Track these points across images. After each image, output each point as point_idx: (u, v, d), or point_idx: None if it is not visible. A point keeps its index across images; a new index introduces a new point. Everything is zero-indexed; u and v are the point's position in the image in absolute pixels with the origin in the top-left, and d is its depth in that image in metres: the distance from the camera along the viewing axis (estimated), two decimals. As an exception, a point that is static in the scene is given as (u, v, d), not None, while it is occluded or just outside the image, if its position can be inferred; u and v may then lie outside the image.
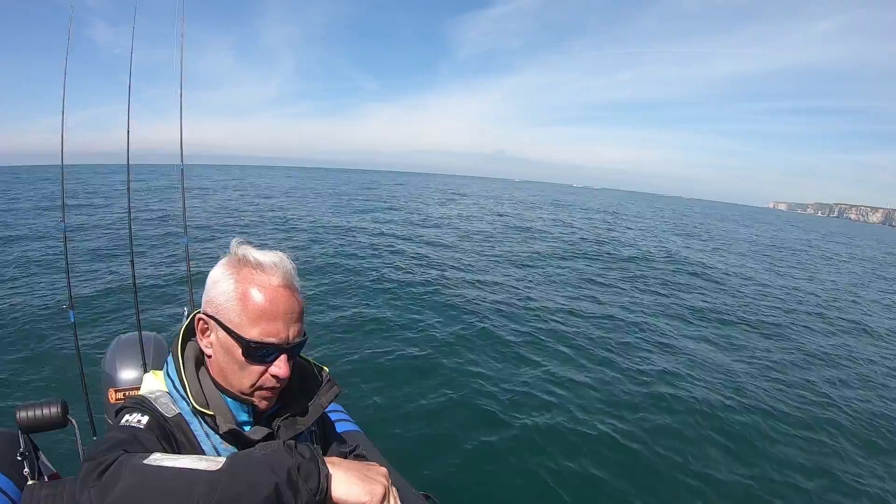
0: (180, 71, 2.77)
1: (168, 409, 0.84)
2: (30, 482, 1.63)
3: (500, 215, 24.47)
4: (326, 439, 1.09)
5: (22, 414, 1.75)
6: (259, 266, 0.84)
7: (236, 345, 0.82)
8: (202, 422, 0.84)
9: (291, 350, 0.86)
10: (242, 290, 0.82)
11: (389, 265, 10.25)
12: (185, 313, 2.07)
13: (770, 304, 10.27)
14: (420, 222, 18.67)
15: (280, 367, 0.84)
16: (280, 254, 0.88)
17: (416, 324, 6.77)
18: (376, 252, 11.59)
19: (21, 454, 1.67)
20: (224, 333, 0.83)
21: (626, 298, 9.42)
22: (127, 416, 0.79)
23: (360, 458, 0.97)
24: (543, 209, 32.56)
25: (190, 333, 0.92)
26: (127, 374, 2.05)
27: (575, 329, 7.12)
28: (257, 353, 0.83)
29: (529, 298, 8.60)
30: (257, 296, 0.82)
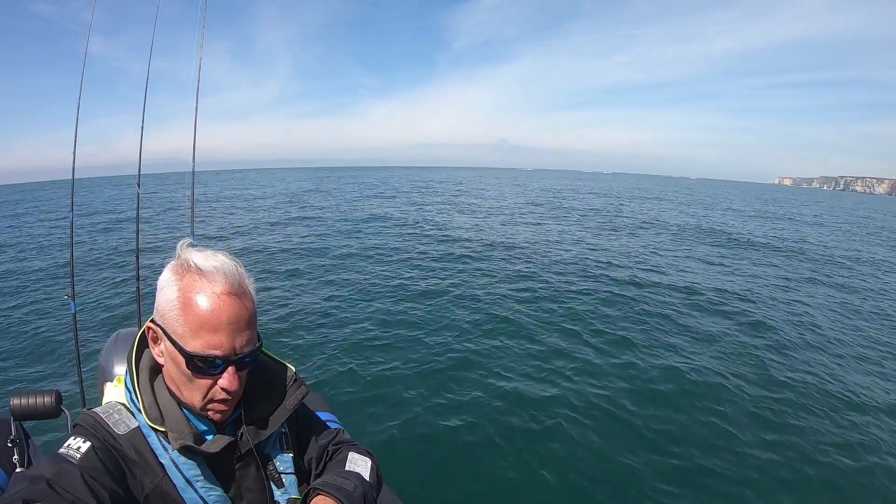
0: (197, 79, 2.94)
1: (122, 424, 0.81)
2: (18, 469, 1.64)
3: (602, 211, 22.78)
4: (302, 436, 1.01)
5: (16, 401, 1.75)
6: (200, 272, 0.78)
7: (181, 357, 0.78)
8: (158, 434, 0.81)
9: (239, 362, 0.81)
10: (184, 298, 0.78)
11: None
12: None
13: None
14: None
15: (227, 380, 0.80)
16: (222, 256, 0.81)
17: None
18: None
19: (12, 441, 1.68)
20: (170, 344, 0.79)
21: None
22: (70, 441, 0.77)
23: (340, 448, 1.03)
24: (634, 202, 30.80)
25: (146, 341, 0.87)
26: (123, 369, 1.57)
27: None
28: (201, 366, 0.78)
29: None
30: (198, 305, 0.77)
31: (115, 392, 0.87)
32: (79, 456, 0.74)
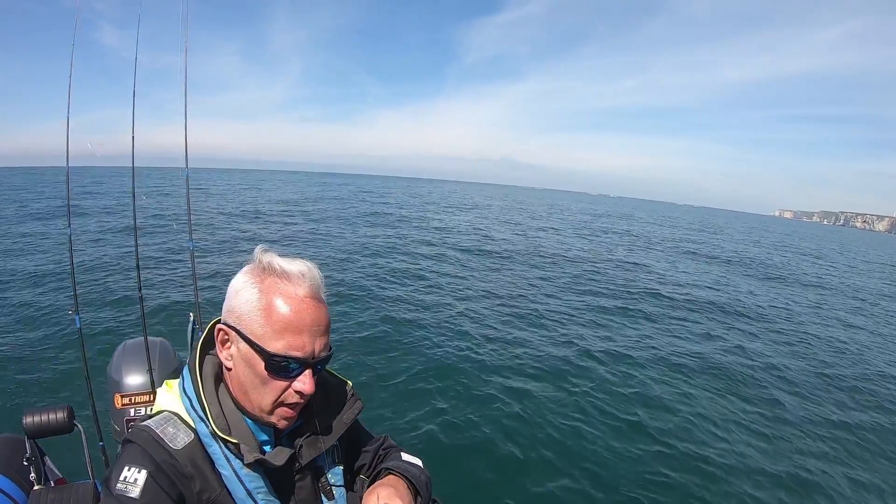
0: (184, 75, 2.75)
1: (179, 438, 0.78)
2: (36, 487, 1.64)
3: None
4: (351, 448, 1.01)
5: (28, 419, 1.73)
6: (285, 275, 0.79)
7: (258, 358, 0.78)
8: (222, 445, 0.78)
9: (316, 365, 0.81)
10: (267, 300, 0.77)
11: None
12: (191, 318, 2.14)
13: None
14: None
15: (304, 382, 0.80)
16: (307, 263, 0.82)
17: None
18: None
19: (27, 459, 1.69)
20: (246, 346, 0.78)
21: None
22: (125, 472, 0.73)
23: (390, 451, 1.04)
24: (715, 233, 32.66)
25: (208, 346, 0.86)
26: (133, 379, 1.99)
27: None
28: (281, 367, 0.78)
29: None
30: (283, 307, 0.77)
31: (168, 398, 0.84)
32: (138, 491, 0.71)
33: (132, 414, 1.92)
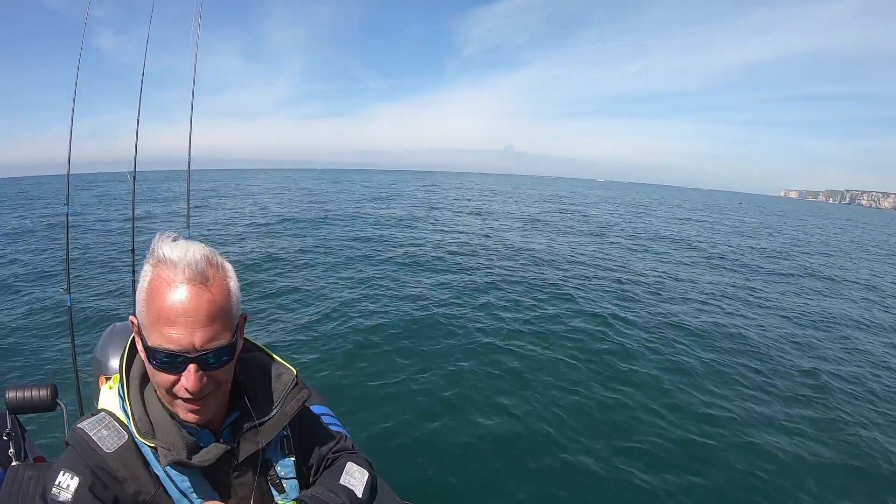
0: (194, 74, 2.83)
1: (111, 441, 0.78)
2: (14, 463, 1.63)
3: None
4: (305, 441, 0.99)
5: (11, 395, 1.75)
6: (164, 262, 0.74)
7: (144, 351, 0.77)
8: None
9: (201, 360, 0.75)
10: (149, 288, 0.74)
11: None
12: None
13: None
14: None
15: (186, 378, 0.74)
16: (191, 245, 0.76)
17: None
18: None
19: (7, 434, 1.67)
20: (139, 338, 0.77)
21: None
22: (59, 477, 0.75)
23: (339, 456, 1.01)
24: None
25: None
26: (118, 362, 1.76)
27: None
28: (162, 362, 0.74)
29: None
30: (158, 295, 0.73)
31: (108, 398, 0.84)
32: (69, 496, 0.73)
33: None
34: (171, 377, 0.75)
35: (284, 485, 0.92)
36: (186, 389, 0.75)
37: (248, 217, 18.24)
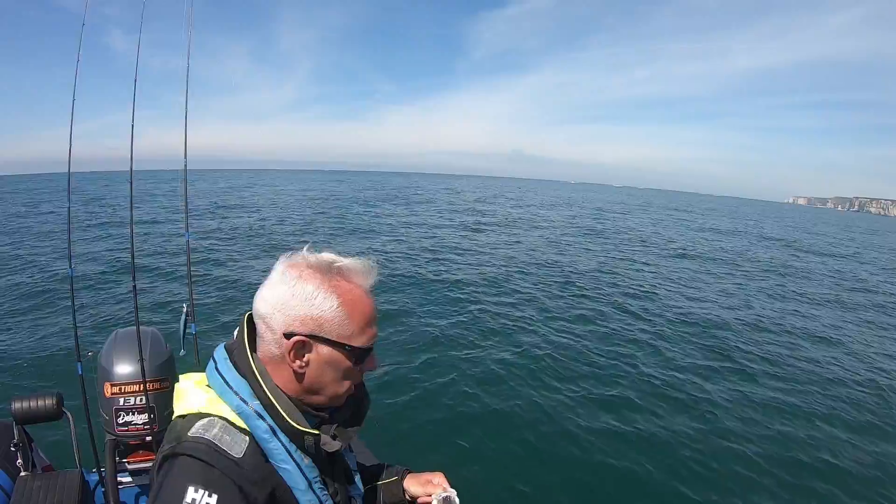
0: (186, 76, 2.75)
1: (236, 444, 0.75)
2: (23, 473, 1.66)
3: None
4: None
5: (17, 405, 1.73)
6: (356, 272, 0.82)
7: (345, 356, 0.81)
8: (281, 440, 0.78)
9: None
10: (349, 300, 0.80)
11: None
12: (185, 310, 2.18)
13: None
14: None
15: (374, 361, 0.86)
16: (359, 258, 0.85)
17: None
18: None
19: (15, 445, 1.68)
20: (329, 348, 0.80)
21: None
22: (192, 496, 0.66)
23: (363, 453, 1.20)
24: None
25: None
26: (123, 368, 1.96)
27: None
28: (365, 358, 0.83)
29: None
30: (361, 303, 0.81)
31: (200, 396, 0.80)
32: None
33: (121, 403, 1.88)
34: (361, 370, 0.84)
35: (354, 477, 0.97)
36: (369, 371, 0.87)
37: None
